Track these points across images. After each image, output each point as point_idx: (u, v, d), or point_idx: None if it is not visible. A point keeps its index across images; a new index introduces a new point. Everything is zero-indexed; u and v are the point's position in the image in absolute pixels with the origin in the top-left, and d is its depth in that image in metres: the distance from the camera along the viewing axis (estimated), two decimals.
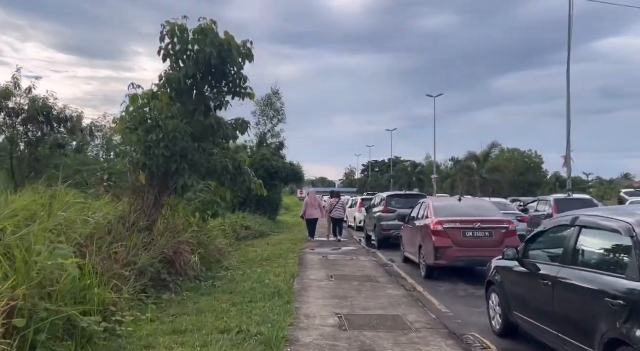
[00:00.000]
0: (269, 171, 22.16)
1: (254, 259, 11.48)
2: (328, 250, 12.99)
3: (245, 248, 13.53)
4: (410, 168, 56.56)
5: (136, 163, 8.63)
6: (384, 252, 13.71)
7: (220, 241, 11.93)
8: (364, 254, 12.31)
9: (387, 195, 15.03)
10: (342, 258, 11.29)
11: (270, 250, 12.93)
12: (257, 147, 23.83)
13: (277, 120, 24.33)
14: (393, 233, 14.36)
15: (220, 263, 10.61)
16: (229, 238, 13.73)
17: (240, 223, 16.26)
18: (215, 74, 9.04)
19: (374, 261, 11.04)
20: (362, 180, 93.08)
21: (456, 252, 8.63)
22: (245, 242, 15.06)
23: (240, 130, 9.52)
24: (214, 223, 13.20)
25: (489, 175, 35.88)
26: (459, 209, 9.51)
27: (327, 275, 8.88)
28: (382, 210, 14.78)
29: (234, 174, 9.48)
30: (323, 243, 14.90)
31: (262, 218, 20.08)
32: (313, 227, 16.58)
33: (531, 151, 52.26)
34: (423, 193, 15.58)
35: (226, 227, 14.31)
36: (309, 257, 11.60)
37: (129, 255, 7.20)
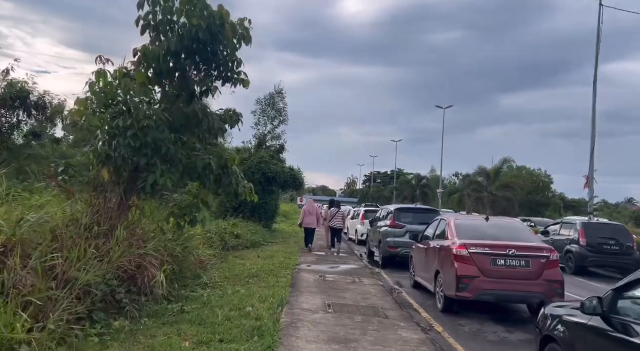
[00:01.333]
0: (266, 175, 20.59)
1: (240, 275, 9.88)
2: (326, 268, 11.36)
3: (233, 261, 11.92)
4: (415, 182, 54.94)
5: (99, 155, 7.08)
6: (390, 273, 12.08)
7: (203, 252, 10.33)
8: (368, 275, 10.68)
9: (395, 208, 13.47)
10: (342, 280, 9.66)
11: (261, 265, 11.32)
12: (256, 149, 22.29)
13: (279, 122, 22.82)
14: (401, 252, 12.76)
15: (200, 278, 9.02)
16: (215, 248, 12.14)
17: (230, 231, 14.65)
18: (203, 53, 7.52)
19: (379, 285, 9.41)
20: (364, 191, 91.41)
21: (484, 283, 7.02)
22: (234, 253, 13.44)
23: (230, 122, 7.98)
24: (197, 231, 11.63)
25: (499, 193, 34.20)
26: (486, 230, 7.90)
27: (324, 303, 7.25)
28: (390, 224, 13.17)
29: (219, 175, 7.93)
30: (321, 259, 13.27)
31: (256, 226, 18.46)
32: (310, 236, 16.00)
33: (541, 170, 50.64)
34: (435, 208, 13.86)
35: (213, 235, 12.72)
36: (304, 276, 9.97)
37: (72, 268, 5.63)
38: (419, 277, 9.55)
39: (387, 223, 13.46)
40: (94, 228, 6.58)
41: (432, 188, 53.99)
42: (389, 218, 13.55)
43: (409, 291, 9.63)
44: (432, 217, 13.34)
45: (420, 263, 9.41)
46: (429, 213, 13.58)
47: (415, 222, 13.19)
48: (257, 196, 9.05)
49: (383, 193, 71.56)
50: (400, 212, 13.43)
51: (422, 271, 9.20)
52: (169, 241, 8.33)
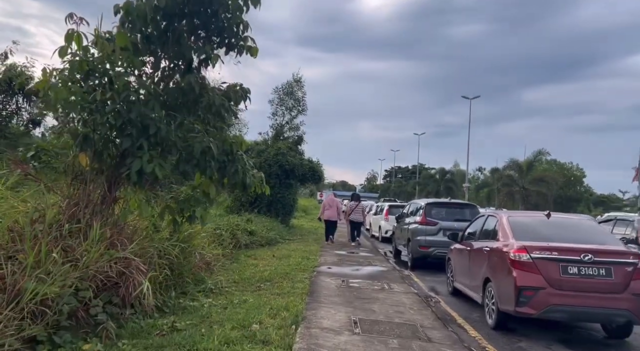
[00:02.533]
0: (283, 168, 19.29)
1: (250, 279, 8.59)
2: (349, 271, 9.97)
3: (245, 261, 10.64)
4: (438, 176, 52.93)
5: (75, 136, 5.84)
6: (422, 276, 10.63)
7: (209, 251, 9.07)
8: (397, 280, 9.26)
9: (426, 203, 12.00)
10: (368, 286, 8.27)
11: (275, 266, 10.02)
12: (273, 141, 21.00)
13: (297, 111, 21.45)
14: (433, 252, 11.31)
15: (203, 282, 7.77)
16: (225, 246, 10.88)
17: (243, 227, 13.39)
18: (202, 14, 6.21)
19: (412, 293, 7.98)
20: (385, 186, 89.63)
21: (552, 297, 5.55)
22: (246, 251, 12.18)
23: (234, 99, 6.64)
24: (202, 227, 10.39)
25: (531, 187, 32.11)
26: (549, 230, 6.40)
27: (350, 319, 5.88)
28: (420, 221, 11.71)
29: (223, 162, 6.64)
30: (342, 259, 11.89)
31: (273, 222, 17.18)
32: (331, 230, 16.13)
33: (572, 164, 48.07)
34: (472, 203, 12.34)
35: (223, 232, 11.48)
36: (323, 280, 8.62)
37: (25, 277, 4.39)
38: (459, 283, 8.09)
39: (417, 220, 11.99)
40: (65, 225, 5.34)
41: (456, 182, 52.02)
42: (419, 214, 12.08)
43: (447, 299, 8.18)
44: (468, 213, 11.85)
45: (462, 267, 7.95)
46: (464, 208, 12.07)
47: (449, 218, 11.71)
48: (268, 187, 7.75)
49: (405, 188, 69.80)
50: (432, 207, 11.94)
51: (465, 277, 7.74)
52: (165, 240, 7.10)
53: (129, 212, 5.98)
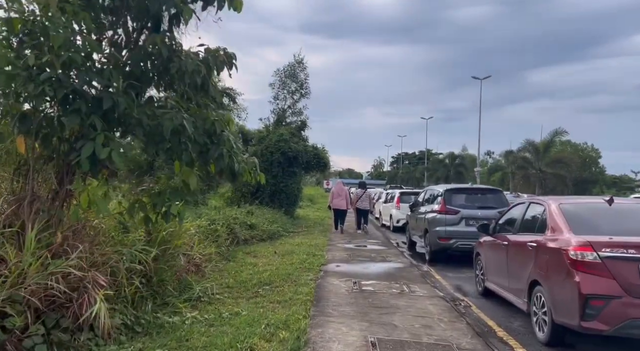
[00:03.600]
0: (286, 155, 18.02)
1: (246, 282, 7.38)
2: (361, 269, 8.74)
3: (242, 259, 9.44)
4: (448, 160, 51.37)
5: (10, 115, 4.60)
6: (443, 271, 9.37)
7: (198, 251, 7.84)
8: (417, 279, 8.01)
9: (445, 189, 10.69)
10: (385, 289, 7.02)
11: (277, 265, 8.81)
12: (275, 126, 19.71)
13: (300, 95, 20.09)
14: (454, 244, 10.04)
15: (191, 289, 6.57)
16: (220, 243, 9.67)
17: (241, 220, 12.17)
18: None
19: (438, 297, 6.72)
20: (392, 173, 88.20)
21: (632, 308, 4.25)
22: (245, 247, 10.99)
23: (215, 65, 5.34)
24: (195, 223, 9.19)
25: (549, 169, 30.52)
26: (615, 220, 5.09)
27: (366, 340, 4.62)
28: (439, 210, 10.41)
29: (204, 144, 5.39)
30: (353, 255, 10.66)
31: (275, 214, 15.98)
32: (340, 218, 15.94)
33: (587, 144, 46.31)
34: (498, 188, 11.01)
35: (218, 227, 10.26)
36: (332, 283, 7.38)
37: None
38: (493, 284, 6.82)
39: (435, 208, 10.69)
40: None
41: (466, 167, 50.50)
42: (438, 201, 10.77)
43: (479, 302, 6.92)
44: (493, 199, 10.54)
45: (497, 265, 6.67)
46: (489, 194, 10.75)
47: (471, 205, 10.41)
48: (263, 175, 6.50)
49: (413, 174, 68.34)
50: (452, 194, 10.63)
51: (501, 277, 6.46)
52: (139, 242, 5.89)
53: (79, 210, 4.72)
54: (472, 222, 10.10)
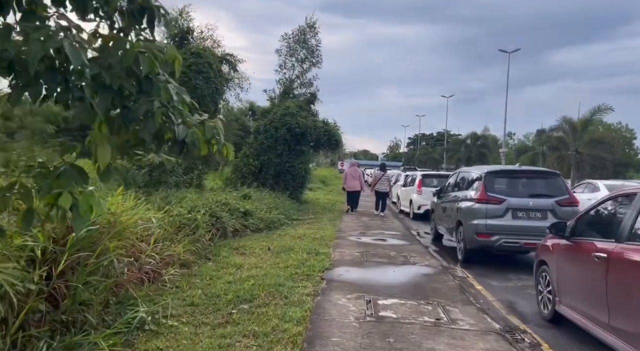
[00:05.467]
0: (293, 131, 15.85)
1: (218, 297, 5.33)
2: (377, 276, 6.61)
3: (226, 258, 7.38)
4: (470, 141, 48.50)
5: None
6: (482, 277, 7.20)
7: (157, 252, 5.80)
8: (455, 295, 5.86)
9: (486, 171, 8.43)
10: (413, 316, 4.88)
11: (267, 267, 6.74)
12: (281, 99, 17.50)
13: (310, 64, 17.77)
14: (498, 242, 7.84)
15: (135, 309, 4.56)
16: (199, 237, 7.64)
17: (233, 205, 10.10)
18: None
19: (492, 331, 4.56)
20: (409, 154, 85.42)
21: None
22: (235, 240, 8.94)
23: None
24: (156, 213, 7.17)
25: (586, 150, 27.68)
26: None
27: None
28: (477, 197, 8.17)
29: (118, 91, 3.23)
30: (367, 252, 8.54)
31: (279, 198, 13.91)
32: (353, 200, 15.72)
33: (621, 124, 42.96)
34: (555, 171, 8.68)
35: (199, 215, 8.20)
36: (335, 303, 5.26)
37: None
38: (571, 310, 4.63)
39: (472, 196, 8.46)
40: None
41: (489, 148, 47.67)
42: (475, 187, 8.53)
43: (549, 334, 4.75)
44: (549, 185, 8.22)
45: (582, 284, 4.47)
46: (543, 178, 8.43)
47: (521, 192, 8.15)
48: (232, 149, 4.32)
49: (431, 155, 65.55)
50: (495, 178, 8.35)
51: (591, 304, 4.27)
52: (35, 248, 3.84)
53: None
54: (522, 214, 7.90)
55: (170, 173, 10.01)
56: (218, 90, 15.26)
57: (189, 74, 14.43)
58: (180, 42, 16.03)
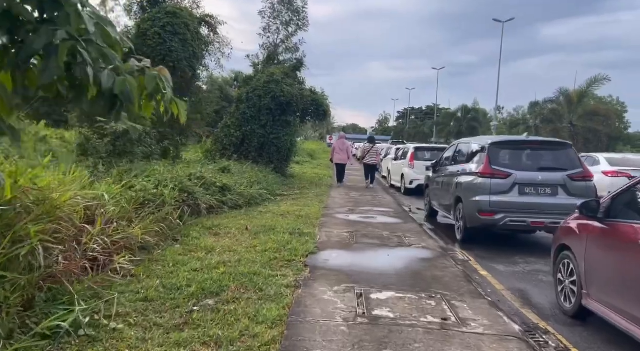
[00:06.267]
0: (278, 100, 14.75)
1: (179, 290, 4.42)
2: (368, 262, 5.76)
3: (196, 239, 6.46)
4: (461, 114, 47.51)
5: None
6: (486, 260, 6.41)
7: (106, 235, 4.85)
8: (460, 285, 5.04)
9: (490, 143, 7.50)
10: (414, 314, 4.04)
11: (242, 251, 5.85)
12: (264, 65, 16.30)
13: (296, 27, 16.52)
14: (502, 221, 7.03)
15: (70, 308, 3.65)
16: (165, 216, 6.68)
17: (209, 180, 9.12)
18: None
19: (511, 334, 3.73)
20: (399, 128, 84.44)
21: None
22: (209, 218, 8.00)
23: None
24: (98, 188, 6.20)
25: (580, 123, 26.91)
26: None
27: None
28: (480, 171, 7.30)
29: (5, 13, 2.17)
30: (357, 232, 7.69)
31: (262, 171, 12.95)
32: (340, 172, 15.64)
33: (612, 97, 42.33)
34: (566, 141, 7.78)
35: (166, 190, 7.23)
36: (320, 299, 4.37)
37: None
38: (604, 306, 3.82)
39: (473, 169, 7.59)
40: None
41: (480, 121, 46.88)
42: (478, 160, 7.64)
43: (572, 334, 3.95)
44: (560, 157, 7.35)
45: (618, 276, 3.64)
46: (553, 149, 7.55)
47: (529, 165, 7.30)
48: (183, 108, 3.34)
49: (421, 129, 64.62)
50: (500, 150, 7.46)
51: (633, 301, 3.44)
52: None
53: None
54: (530, 190, 7.06)
55: (138, 143, 8.95)
56: (196, 54, 14.02)
57: (163, 35, 13.18)
58: (154, 0, 14.64)
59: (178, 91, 14.28)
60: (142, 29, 13.33)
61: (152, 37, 13.17)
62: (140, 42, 13.37)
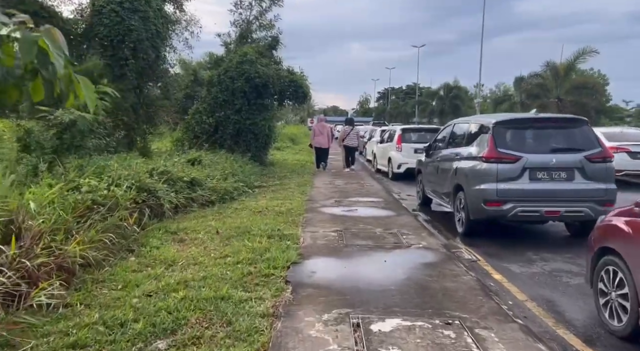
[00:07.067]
0: (253, 82, 13.57)
1: (119, 329, 3.37)
2: (364, 274, 4.80)
3: (155, 249, 5.40)
4: (443, 92, 46.55)
5: None
6: (495, 259, 5.52)
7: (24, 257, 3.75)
8: (475, 293, 4.11)
9: (494, 122, 6.50)
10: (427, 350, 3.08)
11: (209, 267, 4.80)
12: (237, 44, 15.02)
13: (270, 2, 15.22)
14: (512, 211, 6.15)
15: None
16: (118, 220, 5.59)
17: (176, 174, 8.01)
18: None
19: None
20: (380, 109, 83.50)
21: None
22: (175, 220, 6.92)
23: None
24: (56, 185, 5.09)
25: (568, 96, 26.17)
26: None
27: None
28: (485, 155, 6.36)
29: None
30: (346, 231, 6.72)
31: (238, 161, 11.84)
32: (321, 157, 15.01)
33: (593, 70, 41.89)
34: (583, 118, 6.83)
35: (119, 190, 6.11)
36: (304, 340, 3.37)
37: None
38: None
39: (476, 153, 6.64)
40: None
41: (462, 99, 46.15)
42: (480, 141, 6.69)
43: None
44: (575, 136, 6.40)
45: None
46: (568, 127, 6.60)
47: (540, 147, 6.37)
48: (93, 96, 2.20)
49: (403, 109, 63.73)
50: (506, 130, 6.50)
51: None
52: None
53: None
54: (542, 175, 6.17)
55: (91, 135, 7.76)
56: (160, 33, 12.69)
57: (120, 12, 11.83)
58: None
59: (142, 75, 13.01)
60: (97, 7, 11.94)
61: (108, 15, 11.81)
62: (96, 21, 12.01)
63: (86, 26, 12.20)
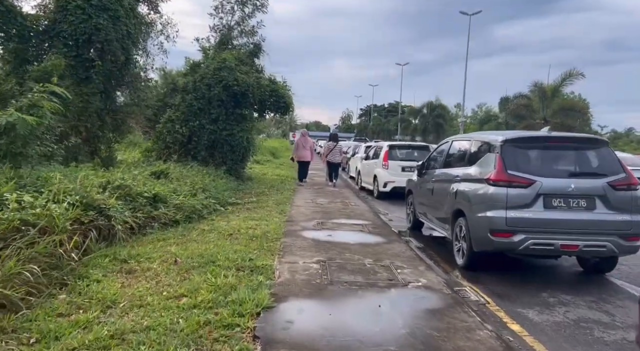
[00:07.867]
0: (231, 90, 12.63)
1: None
2: (353, 329, 3.85)
3: (92, 288, 4.31)
4: (427, 110, 46.19)
5: None
6: (507, 302, 4.62)
7: None
8: None
9: (504, 140, 5.70)
10: None
11: (156, 312, 3.76)
12: (217, 50, 14.08)
13: (253, 7, 14.37)
14: (523, 244, 5.29)
15: None
16: (50, 247, 4.51)
17: (136, 190, 6.94)
18: None
19: None
20: (362, 125, 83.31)
21: None
22: (128, 244, 5.84)
23: None
24: None
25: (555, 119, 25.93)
26: None
27: None
28: (491, 178, 5.51)
29: None
30: (330, 261, 5.75)
31: (211, 175, 10.80)
32: (304, 170, 14.95)
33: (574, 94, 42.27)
34: (601, 137, 6.05)
35: (57, 208, 5.03)
36: None
37: None
38: None
39: (480, 175, 5.79)
40: None
41: (445, 118, 45.97)
42: (485, 161, 5.85)
43: None
44: (598, 158, 5.57)
45: None
46: (587, 148, 5.79)
47: (557, 170, 5.56)
48: None
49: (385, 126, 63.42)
50: (517, 149, 5.67)
51: None
52: None
53: None
54: (558, 202, 5.33)
55: (36, 141, 6.66)
56: (131, 34, 11.68)
57: (88, 10, 10.83)
58: None
59: (109, 78, 11.93)
60: (62, 2, 10.91)
61: (73, 11, 10.80)
62: (60, 17, 10.96)
63: (49, 23, 11.12)
